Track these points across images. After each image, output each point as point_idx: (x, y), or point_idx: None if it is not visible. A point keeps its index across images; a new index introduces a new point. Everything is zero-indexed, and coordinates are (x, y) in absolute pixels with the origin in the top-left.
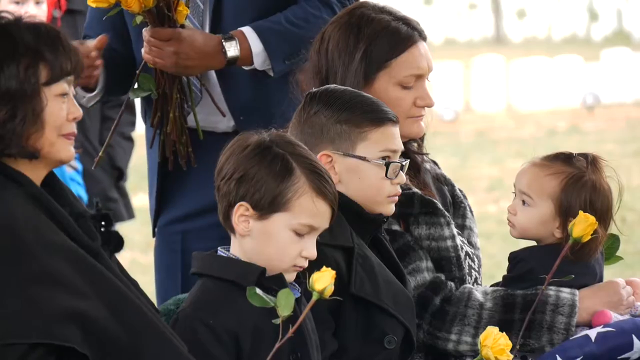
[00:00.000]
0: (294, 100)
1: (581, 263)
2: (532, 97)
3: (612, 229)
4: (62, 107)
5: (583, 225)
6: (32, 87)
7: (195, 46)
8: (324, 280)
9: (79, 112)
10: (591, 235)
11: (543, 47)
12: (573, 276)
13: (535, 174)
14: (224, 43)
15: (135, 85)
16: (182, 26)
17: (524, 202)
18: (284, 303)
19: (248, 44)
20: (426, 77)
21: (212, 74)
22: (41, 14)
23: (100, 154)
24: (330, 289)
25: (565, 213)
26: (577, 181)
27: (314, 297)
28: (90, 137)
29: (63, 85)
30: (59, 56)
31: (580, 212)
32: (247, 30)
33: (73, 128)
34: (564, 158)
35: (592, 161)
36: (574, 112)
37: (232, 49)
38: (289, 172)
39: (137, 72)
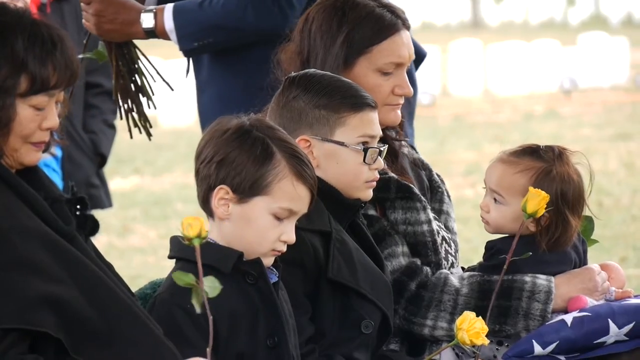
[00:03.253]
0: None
1: (554, 251)
2: (509, 82)
3: (586, 212)
4: (34, 118)
5: (535, 200)
6: (5, 99)
7: (113, 11)
8: (195, 227)
9: (54, 122)
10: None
11: (520, 31)
12: (530, 253)
13: (503, 171)
14: (142, 14)
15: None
16: None
17: (495, 199)
18: (209, 284)
19: (163, 19)
20: (407, 66)
21: None
22: None
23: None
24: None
25: None
26: (547, 175)
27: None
28: (74, 122)
29: (42, 99)
30: (44, 70)
31: (530, 188)
32: (167, 7)
33: (44, 137)
34: (531, 152)
35: (559, 155)
36: (551, 97)
37: (146, 21)
38: (269, 156)
39: (86, 39)
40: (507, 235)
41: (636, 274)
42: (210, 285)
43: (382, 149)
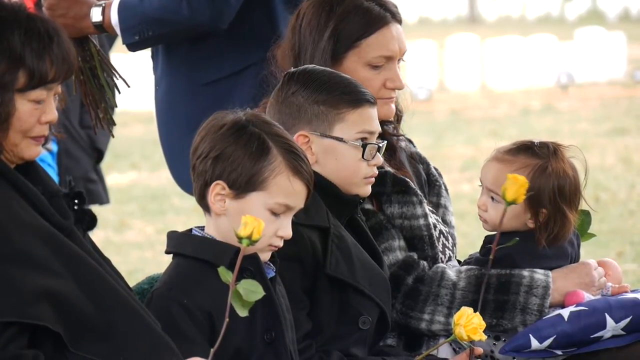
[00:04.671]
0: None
1: (553, 246)
2: (506, 77)
3: (583, 206)
4: (33, 112)
5: (514, 187)
6: (4, 95)
7: (66, 5)
8: (248, 228)
9: (53, 116)
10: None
11: (517, 26)
12: (517, 239)
13: (499, 170)
14: (92, 8)
15: None
16: None
17: (492, 198)
18: (250, 287)
19: (110, 13)
20: (397, 59)
21: None
22: None
23: None
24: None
25: (535, 204)
26: (543, 172)
27: None
28: (71, 118)
29: (40, 93)
30: (42, 64)
31: (508, 174)
32: (114, 2)
33: (44, 131)
34: (526, 149)
35: (553, 151)
36: (548, 92)
37: (95, 15)
38: (265, 151)
39: None
40: (506, 231)
41: (633, 269)
42: (249, 289)
43: (381, 145)
